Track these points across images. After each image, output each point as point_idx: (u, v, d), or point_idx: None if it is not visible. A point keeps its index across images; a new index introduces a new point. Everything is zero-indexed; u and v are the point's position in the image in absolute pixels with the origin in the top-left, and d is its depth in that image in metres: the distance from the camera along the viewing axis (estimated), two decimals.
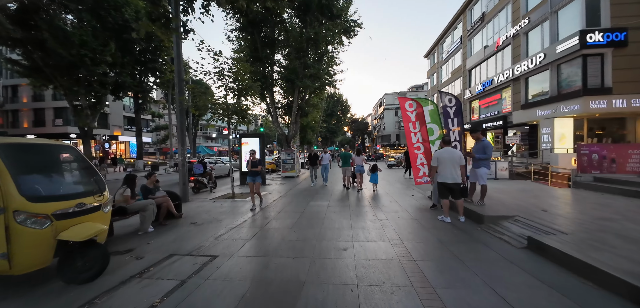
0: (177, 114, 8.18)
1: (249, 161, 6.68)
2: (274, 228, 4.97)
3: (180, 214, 5.90)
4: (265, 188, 10.53)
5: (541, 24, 15.96)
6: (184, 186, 8.00)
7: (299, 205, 7.09)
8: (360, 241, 4.17)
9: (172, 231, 5.06)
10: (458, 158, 4.96)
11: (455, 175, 4.93)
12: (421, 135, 7.87)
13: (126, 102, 35.15)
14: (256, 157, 6.66)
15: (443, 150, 5.14)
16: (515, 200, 6.24)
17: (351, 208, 6.67)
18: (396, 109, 62.78)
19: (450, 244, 3.93)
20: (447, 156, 5.03)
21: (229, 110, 8.00)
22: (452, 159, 4.97)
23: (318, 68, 16.63)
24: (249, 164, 6.66)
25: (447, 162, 5.00)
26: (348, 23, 18.04)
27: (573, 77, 13.90)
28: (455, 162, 4.94)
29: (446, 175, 5.00)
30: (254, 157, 6.63)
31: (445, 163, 5.00)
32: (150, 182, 5.64)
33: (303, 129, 25.86)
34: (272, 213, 6.28)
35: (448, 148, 5.17)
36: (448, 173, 4.97)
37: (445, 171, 5.00)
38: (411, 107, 8.01)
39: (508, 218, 4.84)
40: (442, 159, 5.04)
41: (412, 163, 8.02)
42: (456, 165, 4.94)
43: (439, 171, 5.09)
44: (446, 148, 5.18)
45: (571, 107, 13.54)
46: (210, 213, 6.41)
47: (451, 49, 29.80)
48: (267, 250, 3.88)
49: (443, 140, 5.38)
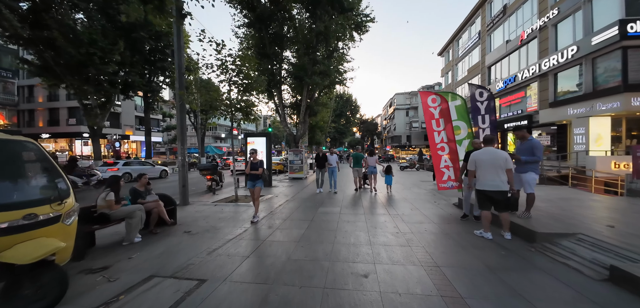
0: (177, 109, 7.57)
1: (249, 162, 5.66)
2: (278, 243, 4.20)
3: (173, 221, 5.23)
4: (271, 191, 9.83)
5: (573, 14, 14.59)
6: (184, 188, 7.37)
7: (307, 212, 6.31)
8: (384, 263, 3.34)
9: (162, 241, 4.37)
10: (503, 160, 4.04)
11: (498, 182, 4.02)
12: (446, 133, 6.94)
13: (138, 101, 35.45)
14: (257, 158, 5.66)
15: (483, 151, 4.24)
16: (563, 211, 5.24)
17: (366, 216, 5.83)
18: (407, 109, 61.19)
19: (503, 272, 3.04)
20: (488, 158, 4.12)
21: (232, 106, 7.28)
22: (494, 162, 4.06)
23: (328, 65, 15.84)
24: (247, 166, 5.63)
25: (487, 165, 4.09)
26: (360, 17, 17.20)
27: (611, 72, 12.53)
28: (499, 166, 4.03)
29: (487, 182, 4.10)
30: (254, 157, 5.63)
31: (486, 166, 4.10)
32: (141, 184, 4.99)
33: (312, 129, 25.13)
34: (276, 221, 5.52)
35: (489, 148, 4.25)
36: (489, 179, 4.07)
37: (486, 176, 4.10)
38: (434, 103, 7.09)
39: (567, 236, 3.89)
40: (482, 162, 4.14)
41: (435, 166, 7.11)
42: (500, 169, 4.03)
43: (478, 176, 4.19)
44: (487, 148, 4.26)
45: (609, 105, 12.18)
46: (208, 219, 5.72)
47: (468, 45, 28.37)
48: (267, 274, 3.11)
49: (484, 139, 4.43)
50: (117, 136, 27.76)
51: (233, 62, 7.59)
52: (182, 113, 7.51)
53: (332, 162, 9.61)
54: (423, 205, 7.07)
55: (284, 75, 17.05)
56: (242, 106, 7.56)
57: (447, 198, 7.89)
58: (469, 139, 6.89)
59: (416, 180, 13.34)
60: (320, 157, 9.75)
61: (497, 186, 4.02)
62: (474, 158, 4.23)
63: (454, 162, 6.90)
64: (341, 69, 18.16)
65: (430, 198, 8.11)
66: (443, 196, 8.17)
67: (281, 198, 8.43)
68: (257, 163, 5.58)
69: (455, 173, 6.90)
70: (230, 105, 7.22)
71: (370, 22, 17.83)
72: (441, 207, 6.80)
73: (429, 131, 7.14)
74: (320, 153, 9.86)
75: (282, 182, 13.14)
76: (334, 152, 9.88)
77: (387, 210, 6.41)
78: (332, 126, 39.87)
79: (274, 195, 9.01)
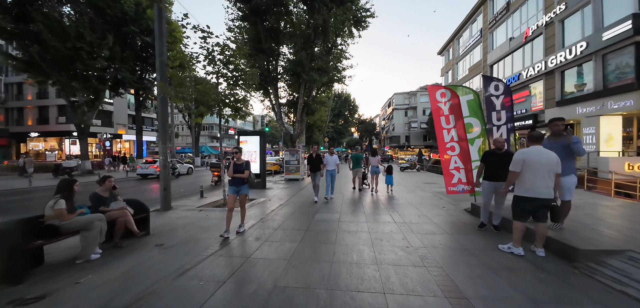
0: (159, 103, 6.82)
1: (231, 163, 4.60)
2: (265, 261, 3.47)
3: (144, 232, 4.46)
4: (265, 194, 9.10)
5: (581, 9, 13.99)
6: (165, 192, 6.61)
7: (301, 219, 5.58)
8: (397, 292, 2.63)
9: (126, 258, 3.63)
10: (555, 163, 3.34)
11: (549, 189, 3.33)
12: (456, 132, 6.26)
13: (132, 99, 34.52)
14: (242, 158, 4.66)
15: (535, 151, 3.45)
16: (597, 220, 4.56)
17: (369, 224, 5.11)
18: (406, 109, 60.66)
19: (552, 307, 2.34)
20: (542, 160, 3.36)
21: (218, 100, 6.53)
22: (549, 165, 3.33)
23: (326, 60, 15.13)
24: (230, 168, 4.55)
25: (541, 168, 3.34)
26: (359, 12, 16.52)
27: (624, 69, 11.93)
28: (552, 170, 3.33)
29: (536, 188, 3.35)
30: (238, 157, 4.59)
31: (539, 169, 3.34)
32: (105, 189, 4.24)
33: (309, 128, 24.41)
34: (266, 231, 4.79)
35: (539, 148, 3.48)
36: (540, 185, 3.34)
37: (537, 181, 3.35)
38: (444, 97, 6.41)
39: (615, 254, 3.20)
40: (535, 164, 3.37)
41: (444, 167, 6.44)
42: (552, 173, 3.33)
43: (525, 180, 3.43)
44: (537, 148, 3.48)
45: (622, 103, 11.58)
46: (188, 228, 4.98)
47: (469, 43, 27.81)
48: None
49: (530, 136, 3.61)
50: (106, 135, 26.80)
51: (221, 52, 6.85)
52: (164, 107, 6.76)
53: (330, 165, 8.13)
54: (431, 210, 6.37)
55: (281, 72, 16.31)
56: (230, 101, 6.79)
57: (455, 202, 7.21)
58: (482, 137, 6.22)
59: (418, 182, 12.67)
60: (314, 159, 7.87)
61: (549, 193, 3.33)
62: (523, 157, 3.45)
63: (465, 163, 6.22)
64: (340, 66, 17.48)
65: (437, 202, 7.42)
66: (450, 200, 7.49)
67: (274, 202, 7.70)
68: (242, 165, 4.55)
69: (467, 175, 6.23)
70: (217, 100, 6.45)
71: (370, 17, 17.17)
72: (451, 213, 6.10)
73: (437, 129, 6.46)
74: (314, 153, 7.93)
75: (277, 183, 12.40)
76: (333, 152, 8.42)
77: (392, 217, 5.70)
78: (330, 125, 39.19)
79: (267, 198, 8.28)
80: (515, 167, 3.53)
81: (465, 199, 7.17)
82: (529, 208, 3.50)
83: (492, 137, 5.88)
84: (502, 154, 4.57)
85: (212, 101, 6.48)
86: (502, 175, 4.51)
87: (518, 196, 3.57)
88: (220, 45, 6.82)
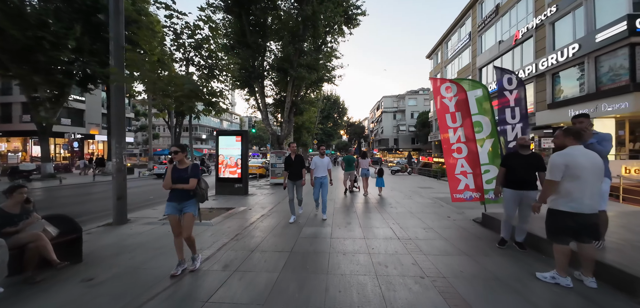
0: (112, 93, 5.66)
1: (168, 169, 3.14)
2: (229, 307, 2.47)
3: (64, 263, 3.18)
4: (246, 201, 8.03)
5: (573, 11, 13.90)
6: (119, 201, 5.44)
7: (285, 235, 4.60)
8: None
9: (33, 302, 2.53)
10: (601, 167, 2.57)
11: (597, 201, 2.55)
12: (464, 132, 5.49)
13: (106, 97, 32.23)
14: (187, 162, 3.25)
15: (575, 152, 2.66)
16: (634, 235, 3.87)
17: (369, 242, 4.20)
18: (394, 112, 60.87)
19: None
20: (587, 164, 2.58)
21: (187, 93, 5.44)
22: (595, 169, 2.58)
23: (316, 57, 14.24)
24: (167, 176, 3.12)
25: (587, 174, 2.56)
26: (350, 9, 15.81)
27: (617, 71, 11.79)
28: (600, 175, 2.56)
29: (585, 201, 2.56)
30: (181, 160, 3.19)
31: (585, 176, 2.56)
32: (13, 203, 3.10)
33: (298, 129, 23.40)
34: (239, 254, 3.77)
35: (581, 148, 2.70)
36: (587, 195, 2.56)
37: (583, 191, 2.56)
38: (449, 92, 5.64)
39: None
40: (578, 169, 2.57)
41: (448, 171, 5.65)
42: (599, 180, 2.56)
43: (568, 191, 2.62)
44: (578, 148, 2.69)
45: (617, 106, 11.39)
46: (137, 252, 3.87)
47: (458, 46, 27.83)
48: None
49: (569, 131, 2.77)
50: (74, 135, 24.62)
51: (192, 35, 5.80)
52: (119, 98, 5.59)
53: (319, 171, 5.86)
54: (435, 221, 5.55)
55: (267, 68, 15.25)
56: (203, 94, 5.71)
57: (459, 210, 6.45)
58: (492, 138, 5.48)
59: (413, 186, 11.97)
60: (294, 163, 5.53)
61: (596, 207, 2.57)
62: (565, 162, 2.62)
63: (473, 167, 5.45)
64: (329, 66, 16.67)
65: (439, 210, 6.64)
66: (454, 208, 6.73)
67: (256, 211, 6.67)
68: (187, 171, 3.15)
69: (475, 181, 5.46)
70: (186, 92, 5.35)
71: (361, 15, 16.52)
72: (460, 225, 5.31)
73: (442, 128, 5.68)
74: (293, 154, 5.65)
75: (261, 188, 11.33)
76: (324, 153, 6.14)
77: (393, 230, 4.83)
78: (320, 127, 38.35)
79: (248, 207, 7.23)
80: (555, 174, 2.71)
81: (472, 207, 6.44)
82: (571, 227, 2.69)
83: (506, 137, 5.14)
84: (528, 155, 3.81)
85: (179, 92, 5.38)
86: (529, 182, 3.75)
87: (556, 211, 2.75)
88: (191, 29, 5.77)
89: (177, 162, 3.20)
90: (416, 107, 57.10)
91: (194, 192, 3.21)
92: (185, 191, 3.15)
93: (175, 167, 3.19)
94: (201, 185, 3.28)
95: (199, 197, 3.26)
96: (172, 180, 3.12)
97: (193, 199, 3.22)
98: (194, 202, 3.24)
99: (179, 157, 3.19)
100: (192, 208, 3.20)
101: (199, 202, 3.33)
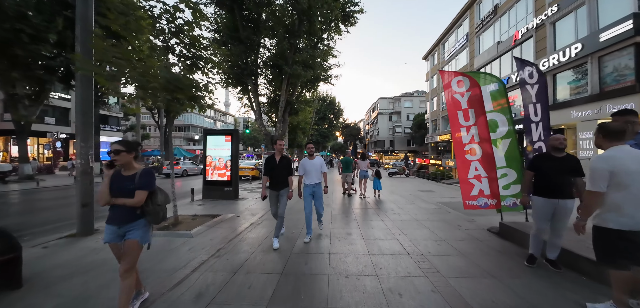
0: (77, 84, 4.93)
1: (107, 177, 2.27)
2: None
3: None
4: (235, 207, 7.33)
5: (575, 10, 13.59)
6: (85, 209, 4.69)
7: (277, 251, 3.93)
8: None
9: None
10: None
11: None
12: (477, 130, 4.92)
13: None
14: (135, 167, 2.33)
15: (620, 154, 2.12)
16: None
17: (375, 258, 3.57)
18: (390, 113, 60.66)
19: None
20: (637, 167, 2.05)
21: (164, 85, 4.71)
22: None
23: (312, 53, 13.63)
24: (103, 186, 2.22)
25: (638, 181, 2.03)
26: (347, 6, 15.26)
27: (622, 71, 11.46)
28: None
29: (636, 215, 2.03)
30: (127, 165, 2.29)
31: (637, 185, 2.02)
32: None
33: (293, 130, 22.72)
34: (218, 277, 3.08)
35: (626, 148, 2.16)
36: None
37: (636, 204, 2.03)
38: (461, 86, 5.07)
39: None
40: (627, 175, 2.04)
41: (460, 175, 5.07)
42: None
43: (616, 203, 2.07)
44: (623, 149, 2.16)
45: (622, 106, 11.03)
46: (92, 274, 3.14)
47: (455, 48, 27.58)
48: None
49: (606, 131, 2.31)
50: (57, 135, 23.48)
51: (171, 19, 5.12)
52: (86, 90, 4.86)
53: (311, 177, 4.42)
54: (446, 231, 4.95)
55: (260, 65, 14.56)
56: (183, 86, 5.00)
57: (469, 218, 5.88)
58: (509, 138, 4.93)
59: (413, 190, 11.42)
60: (278, 166, 4.12)
61: None
62: (610, 168, 2.08)
63: (489, 170, 4.87)
64: (326, 65, 16.08)
65: (447, 217, 6.06)
66: (464, 215, 6.15)
67: (245, 219, 5.98)
68: (133, 179, 2.24)
69: (491, 186, 4.88)
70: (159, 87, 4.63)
71: (359, 12, 15.99)
72: (473, 234, 4.72)
73: (453, 126, 5.10)
74: (279, 155, 4.22)
75: (253, 191, 10.63)
76: (312, 151, 4.54)
77: (402, 243, 4.20)
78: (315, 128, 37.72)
79: (236, 213, 6.53)
80: (598, 183, 2.13)
81: (482, 214, 5.88)
82: (626, 248, 2.11)
83: (531, 136, 4.59)
84: (562, 158, 3.24)
85: (154, 83, 4.67)
86: (565, 189, 3.17)
87: (604, 229, 2.17)
88: (170, 11, 5.08)
89: (122, 167, 2.28)
90: (412, 109, 57.02)
91: (143, 210, 2.26)
92: (130, 209, 2.23)
93: (119, 174, 2.27)
94: (156, 200, 2.33)
95: (151, 216, 2.30)
96: (111, 193, 2.20)
97: (142, 220, 2.28)
98: (142, 224, 2.28)
99: (123, 159, 2.23)
100: (138, 234, 2.24)
101: (152, 224, 2.40)
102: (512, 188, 4.71)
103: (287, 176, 4.18)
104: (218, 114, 64.85)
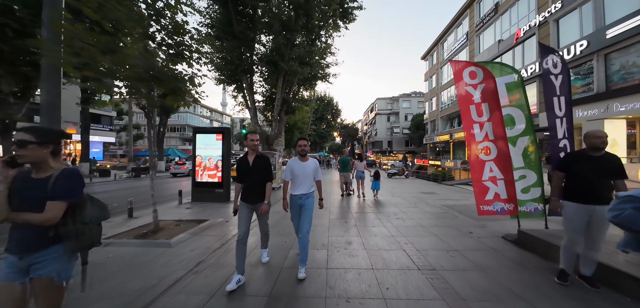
0: (43, 75, 4.37)
1: (12, 178, 1.50)
2: None
3: None
4: (225, 211, 6.78)
5: (579, 7, 13.22)
6: None
7: (266, 265, 3.41)
8: None
9: None
10: None
11: None
12: (492, 127, 4.44)
13: None
14: (53, 165, 1.57)
15: None
16: None
17: (380, 275, 3.06)
18: (388, 114, 60.34)
19: None
20: None
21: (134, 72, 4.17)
22: None
23: (309, 50, 13.14)
24: (3, 194, 1.45)
25: None
26: (346, 2, 14.78)
27: (630, 68, 11.09)
28: None
29: None
30: (42, 162, 1.52)
31: None
32: None
33: (289, 129, 22.20)
34: (194, 299, 2.55)
35: None
36: None
37: None
38: (474, 78, 4.59)
39: None
40: None
41: (474, 177, 4.58)
42: None
43: None
44: None
45: (631, 105, 10.67)
46: None
47: (455, 47, 27.23)
48: None
49: None
50: None
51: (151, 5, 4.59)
52: (53, 81, 4.30)
53: (299, 184, 3.23)
54: (457, 240, 4.46)
55: (256, 62, 14.02)
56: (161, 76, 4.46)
57: (480, 224, 5.39)
58: (527, 135, 4.45)
59: (415, 192, 10.94)
60: (252, 169, 3.10)
61: None
62: None
63: (505, 172, 4.38)
64: (323, 62, 15.60)
65: (454, 222, 5.57)
66: (475, 221, 5.66)
67: (234, 224, 5.44)
68: (47, 184, 1.49)
69: (507, 189, 4.38)
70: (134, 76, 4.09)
71: (358, 9, 15.52)
72: (488, 243, 4.23)
73: (465, 123, 4.61)
74: (253, 154, 3.21)
75: None
76: (304, 151, 3.29)
77: (409, 255, 3.69)
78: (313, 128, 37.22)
79: (225, 219, 5.98)
80: None
81: (493, 219, 5.40)
82: None
83: (556, 133, 4.11)
84: (600, 157, 2.76)
85: (128, 73, 4.13)
86: (603, 194, 2.69)
87: None
88: None
89: (33, 166, 1.53)
90: (410, 110, 56.77)
91: (58, 232, 1.50)
92: (39, 230, 1.48)
93: (27, 176, 1.53)
94: (83, 216, 1.57)
95: (72, 241, 1.54)
96: (12, 205, 1.45)
97: (57, 246, 1.53)
98: (59, 252, 1.53)
99: (33, 155, 1.48)
100: (53, 268, 1.50)
101: (77, 252, 1.61)
102: (532, 191, 4.23)
103: (265, 183, 3.10)
104: (215, 114, 64.11)
